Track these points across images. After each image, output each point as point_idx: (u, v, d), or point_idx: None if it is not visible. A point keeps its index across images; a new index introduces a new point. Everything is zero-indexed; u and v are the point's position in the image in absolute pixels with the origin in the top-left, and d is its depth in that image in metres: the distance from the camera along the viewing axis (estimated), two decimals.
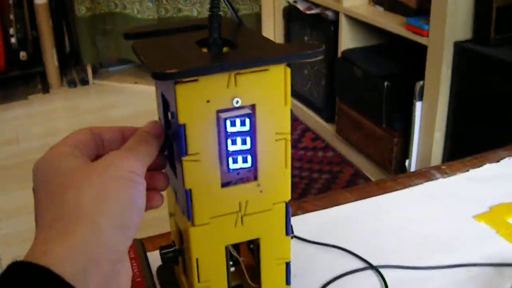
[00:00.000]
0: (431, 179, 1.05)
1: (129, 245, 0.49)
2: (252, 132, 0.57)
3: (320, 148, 2.97)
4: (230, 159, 0.58)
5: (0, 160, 3.12)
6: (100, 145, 0.57)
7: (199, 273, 0.63)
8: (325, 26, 2.88)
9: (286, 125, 0.59)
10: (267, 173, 0.60)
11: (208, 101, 0.55)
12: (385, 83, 2.37)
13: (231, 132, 0.56)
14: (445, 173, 1.06)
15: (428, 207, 0.96)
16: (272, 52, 0.56)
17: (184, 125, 0.55)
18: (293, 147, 2.97)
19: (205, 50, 0.59)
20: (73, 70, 4.32)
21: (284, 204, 0.63)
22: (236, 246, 0.70)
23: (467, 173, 1.06)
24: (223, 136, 0.56)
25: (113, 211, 0.47)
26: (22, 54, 4.03)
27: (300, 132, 3.12)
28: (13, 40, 3.98)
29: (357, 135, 2.70)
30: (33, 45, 4.11)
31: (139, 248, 0.80)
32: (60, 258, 0.43)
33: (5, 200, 2.73)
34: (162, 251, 0.67)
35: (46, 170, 0.50)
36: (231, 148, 0.57)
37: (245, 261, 0.71)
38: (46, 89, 4.10)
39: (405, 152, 2.42)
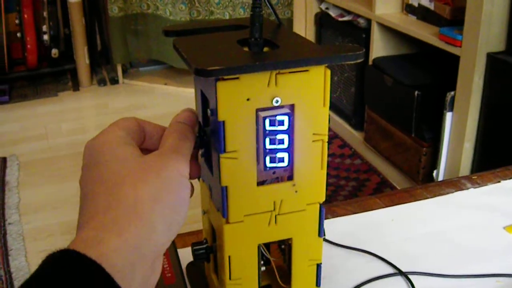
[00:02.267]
0: (461, 189, 1.04)
1: (170, 243, 0.51)
2: (290, 132, 0.57)
3: (347, 155, 2.97)
4: (268, 158, 0.58)
5: (29, 155, 3.15)
6: (142, 137, 0.58)
7: (231, 270, 0.63)
8: (356, 33, 2.87)
9: (323, 126, 0.59)
10: (303, 174, 0.60)
11: (248, 99, 0.55)
12: (416, 93, 2.36)
13: (269, 131, 0.56)
14: (476, 183, 1.06)
15: (458, 216, 0.96)
16: (313, 53, 0.56)
17: (223, 122, 0.56)
18: None
19: (246, 49, 0.59)
20: (104, 68, 4.36)
21: (318, 205, 0.63)
22: (266, 246, 0.71)
23: (498, 184, 1.05)
24: (262, 134, 0.56)
25: (165, 212, 0.48)
26: (54, 51, 4.07)
27: (328, 138, 3.11)
28: (45, 37, 4.02)
29: (385, 144, 2.69)
30: (65, 43, 4.16)
31: (170, 245, 0.81)
32: (113, 249, 0.43)
33: (33, 194, 2.75)
34: (194, 248, 0.68)
35: (101, 151, 0.51)
36: (269, 146, 0.57)
37: (275, 262, 0.71)
38: (76, 86, 4.14)
39: (434, 163, 2.40)
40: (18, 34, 3.98)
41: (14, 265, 2.18)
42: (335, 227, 0.93)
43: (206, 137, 0.61)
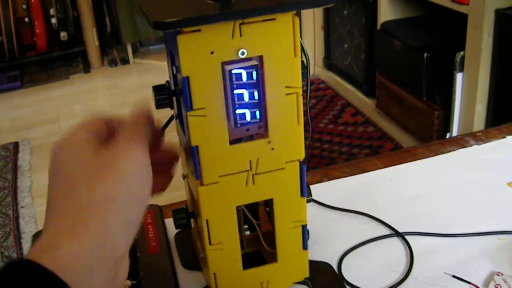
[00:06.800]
0: (465, 146, 1.00)
1: (131, 243, 0.48)
2: (259, 85, 0.54)
3: (360, 123, 2.93)
4: (238, 114, 0.55)
5: (41, 139, 3.15)
6: (113, 131, 0.55)
7: (210, 235, 0.61)
8: None
9: (296, 78, 0.56)
10: (278, 130, 0.58)
11: (212, 53, 0.53)
12: (425, 55, 2.30)
13: (237, 85, 0.54)
14: (480, 140, 1.02)
15: (460, 174, 0.92)
16: (279, 0, 0.53)
17: (187, 78, 0.53)
18: (333, 122, 2.93)
19: (211, 1, 0.56)
20: (114, 49, 4.34)
21: (297, 163, 0.60)
22: (255, 212, 0.68)
23: (503, 139, 1.02)
24: (229, 89, 0.54)
25: (121, 210, 0.46)
26: (63, 35, 4.06)
27: (340, 107, 3.08)
28: (53, 20, 4.00)
29: (398, 109, 2.64)
30: (74, 25, 4.14)
31: (156, 214, 0.79)
32: (68, 255, 0.42)
33: (45, 177, 2.72)
34: (174, 215, 0.65)
35: (62, 155, 0.49)
36: (238, 102, 0.54)
37: (265, 226, 0.69)
38: (87, 68, 4.13)
39: (446, 126, 2.36)
40: (26, 19, 3.97)
41: (26, 248, 2.18)
42: (331, 189, 0.90)
43: (175, 96, 0.59)
